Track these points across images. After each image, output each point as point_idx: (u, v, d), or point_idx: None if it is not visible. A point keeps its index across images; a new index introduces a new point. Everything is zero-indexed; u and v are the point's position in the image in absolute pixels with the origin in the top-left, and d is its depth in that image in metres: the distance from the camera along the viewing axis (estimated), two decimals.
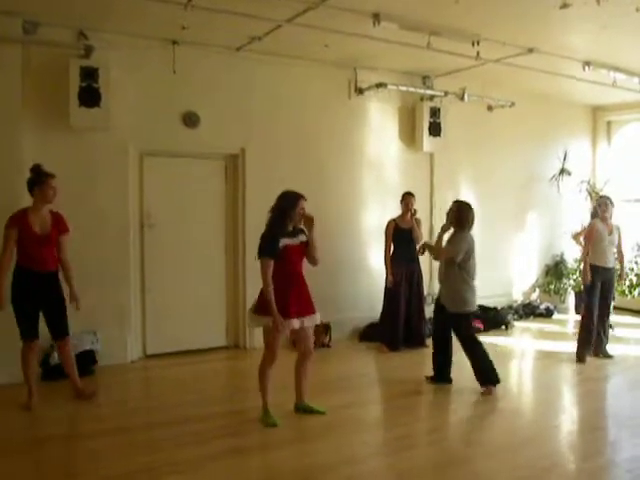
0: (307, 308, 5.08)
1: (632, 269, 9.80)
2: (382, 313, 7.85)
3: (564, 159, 10.37)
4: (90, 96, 6.33)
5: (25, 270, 5.34)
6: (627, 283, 9.71)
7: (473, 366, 6.10)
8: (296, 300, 4.99)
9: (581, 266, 7.75)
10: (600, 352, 7.37)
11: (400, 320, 7.69)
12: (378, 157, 8.60)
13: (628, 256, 9.37)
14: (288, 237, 5.00)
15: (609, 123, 11.00)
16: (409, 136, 8.82)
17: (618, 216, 8.96)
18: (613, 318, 9.05)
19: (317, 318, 5.18)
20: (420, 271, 7.89)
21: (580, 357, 7.22)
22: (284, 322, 4.88)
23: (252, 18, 6.03)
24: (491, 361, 6.03)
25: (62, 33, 6.37)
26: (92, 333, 6.50)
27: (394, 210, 7.91)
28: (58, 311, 5.51)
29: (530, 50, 7.18)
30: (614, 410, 5.91)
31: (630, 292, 9.82)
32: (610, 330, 8.80)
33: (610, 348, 7.54)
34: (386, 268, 7.69)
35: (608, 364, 7.19)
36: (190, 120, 7.20)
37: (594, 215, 7.64)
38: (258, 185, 7.60)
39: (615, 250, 7.42)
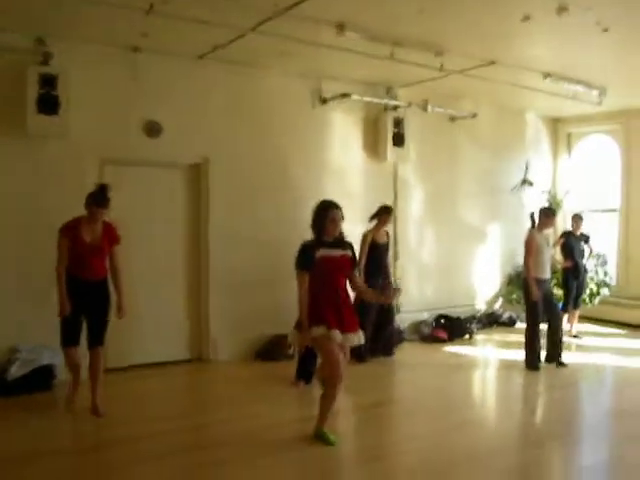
0: (345, 325, 4.76)
1: (592, 278, 9.93)
2: None
3: (526, 170, 10.51)
4: (48, 103, 6.18)
5: (73, 278, 5.42)
6: (587, 292, 9.83)
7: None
8: (334, 314, 4.71)
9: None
10: (555, 361, 7.35)
11: (369, 332, 7.53)
12: (342, 167, 8.58)
13: (589, 265, 9.51)
14: (326, 248, 4.78)
15: (569, 135, 11.18)
16: (373, 146, 8.83)
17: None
18: (579, 327, 9.23)
19: (357, 338, 4.84)
20: (390, 285, 7.76)
21: (532, 366, 7.20)
22: (310, 335, 4.67)
23: (215, 26, 5.97)
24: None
25: (20, 39, 6.22)
26: (50, 347, 6.30)
27: (358, 221, 7.88)
28: (100, 320, 5.55)
29: (492, 62, 7.26)
30: (576, 418, 5.96)
31: (590, 301, 9.95)
32: (577, 339, 8.97)
33: (569, 356, 7.63)
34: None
35: (568, 373, 7.24)
36: (152, 129, 7.08)
37: (533, 225, 7.42)
38: (222, 195, 7.54)
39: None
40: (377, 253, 7.65)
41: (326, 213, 4.80)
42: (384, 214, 7.71)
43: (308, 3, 5.42)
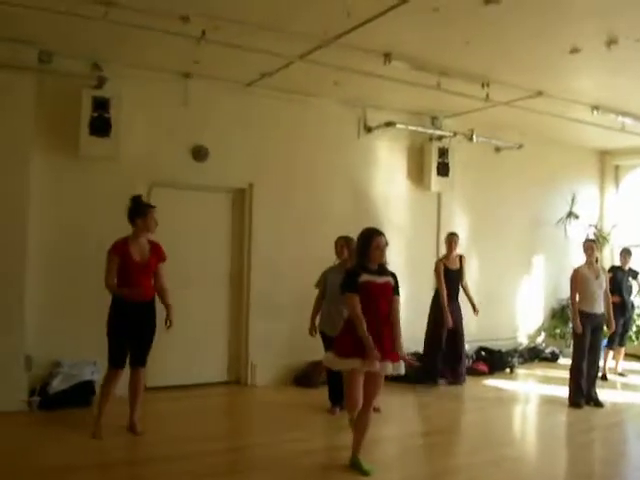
0: (384, 353, 4.66)
1: (639, 315, 9.68)
2: (425, 351, 7.98)
3: (572, 202, 10.34)
4: (101, 126, 6.38)
5: (123, 299, 5.41)
6: (634, 329, 9.57)
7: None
8: (375, 341, 4.63)
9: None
10: (591, 400, 7.09)
11: (440, 357, 7.86)
12: (386, 195, 8.59)
13: (636, 301, 9.25)
14: (371, 274, 4.75)
15: (617, 167, 11.00)
16: (417, 175, 8.83)
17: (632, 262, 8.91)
18: (624, 365, 8.97)
19: (396, 367, 4.74)
20: (460, 310, 8.02)
21: (575, 403, 6.99)
22: (377, 354, 4.57)
23: (264, 54, 6.09)
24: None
25: (76, 63, 6.45)
26: (92, 363, 6.41)
27: (401, 248, 7.87)
28: (146, 341, 5.57)
29: (539, 93, 7.23)
30: (621, 460, 5.75)
31: (637, 338, 9.69)
32: (623, 377, 8.70)
33: (615, 395, 7.40)
34: (443, 309, 7.76)
35: (613, 412, 7.04)
36: (199, 153, 7.23)
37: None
38: (265, 220, 7.62)
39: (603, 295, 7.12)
40: (448, 279, 7.89)
41: (371, 240, 4.78)
42: (446, 241, 8.04)
43: (356, 32, 5.51)
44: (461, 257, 8.09)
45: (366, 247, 4.79)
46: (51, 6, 5.12)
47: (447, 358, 7.92)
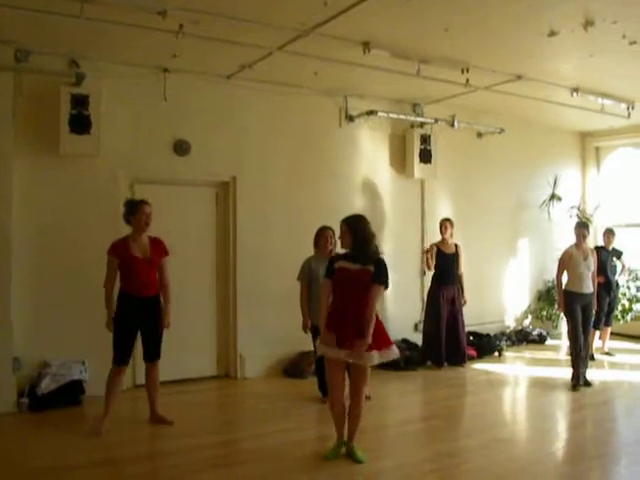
0: (355, 342, 4.63)
1: (624, 294, 9.78)
2: (424, 333, 8.38)
3: (554, 185, 10.40)
4: (80, 123, 6.32)
5: (129, 296, 5.49)
6: (620, 308, 9.67)
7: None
8: (341, 328, 4.68)
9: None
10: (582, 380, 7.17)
11: (442, 338, 8.16)
12: (369, 184, 8.60)
13: (620, 281, 9.34)
14: (346, 261, 4.84)
15: (598, 149, 11.09)
16: (400, 163, 8.84)
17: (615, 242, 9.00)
18: (611, 344, 9.07)
19: (369, 357, 4.68)
20: (460, 292, 8.36)
21: (574, 386, 7.06)
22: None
23: (243, 46, 6.07)
24: None
25: (53, 61, 6.39)
26: (81, 362, 6.40)
27: (386, 236, 7.89)
28: (156, 335, 5.66)
29: (519, 77, 7.25)
30: (611, 437, 5.83)
31: (623, 317, 9.79)
32: (610, 356, 8.80)
33: (602, 374, 7.48)
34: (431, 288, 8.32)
35: (601, 391, 7.13)
36: (181, 148, 7.19)
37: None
38: (249, 212, 7.60)
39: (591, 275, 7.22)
40: (443, 262, 8.23)
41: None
42: (440, 226, 8.30)
43: (334, 22, 5.49)
44: (456, 245, 8.33)
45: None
46: (26, 4, 5.08)
47: (448, 341, 8.20)
